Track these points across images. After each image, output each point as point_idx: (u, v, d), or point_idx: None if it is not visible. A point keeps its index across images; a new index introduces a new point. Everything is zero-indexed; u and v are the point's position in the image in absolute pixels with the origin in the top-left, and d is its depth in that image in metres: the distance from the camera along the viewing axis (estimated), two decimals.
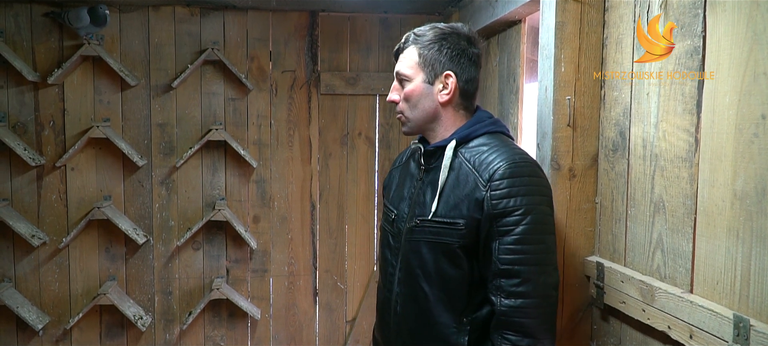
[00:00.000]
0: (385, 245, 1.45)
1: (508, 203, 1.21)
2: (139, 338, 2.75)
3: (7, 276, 2.61)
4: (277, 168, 2.81)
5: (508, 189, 1.22)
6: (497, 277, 1.23)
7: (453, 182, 1.30)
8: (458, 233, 1.27)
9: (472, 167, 1.28)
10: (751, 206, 1.04)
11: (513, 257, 1.21)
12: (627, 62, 1.43)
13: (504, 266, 1.22)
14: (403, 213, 1.40)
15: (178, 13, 2.66)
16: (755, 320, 1.02)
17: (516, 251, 1.21)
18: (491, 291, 1.25)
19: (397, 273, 1.39)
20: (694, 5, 1.19)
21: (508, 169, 1.23)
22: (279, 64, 2.77)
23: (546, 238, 1.25)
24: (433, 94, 1.34)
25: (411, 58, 1.35)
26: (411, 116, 1.37)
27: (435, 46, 1.33)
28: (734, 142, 1.08)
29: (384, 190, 1.58)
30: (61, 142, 2.61)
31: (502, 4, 2.04)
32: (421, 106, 1.35)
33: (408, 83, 1.36)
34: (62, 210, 2.64)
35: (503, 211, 1.22)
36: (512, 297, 1.22)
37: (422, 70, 1.34)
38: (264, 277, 2.86)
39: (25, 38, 2.54)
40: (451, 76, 1.33)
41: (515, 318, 1.22)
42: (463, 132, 1.34)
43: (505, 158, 1.25)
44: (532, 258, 1.22)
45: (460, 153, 1.32)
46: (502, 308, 1.23)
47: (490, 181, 1.23)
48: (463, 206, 1.26)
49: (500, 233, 1.22)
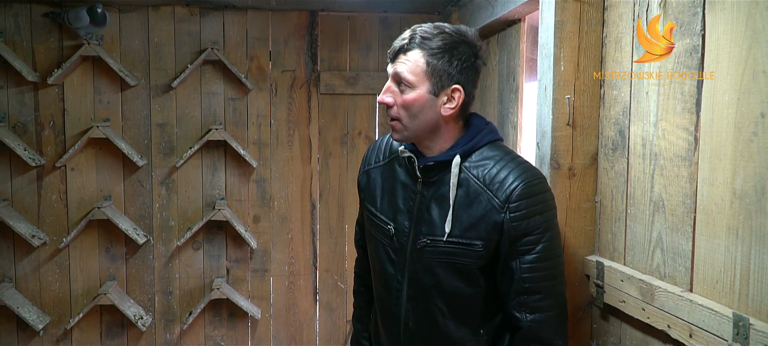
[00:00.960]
0: (385, 259, 1.38)
1: (529, 224, 1.23)
2: (140, 338, 2.76)
3: (7, 276, 2.61)
4: (277, 168, 2.82)
5: (526, 210, 1.22)
6: (521, 294, 1.25)
7: (462, 199, 1.27)
8: (476, 255, 1.26)
9: (483, 185, 1.25)
10: (751, 205, 1.04)
11: (535, 275, 1.24)
12: (626, 61, 1.42)
13: (527, 285, 1.24)
14: (404, 228, 1.34)
15: (178, 12, 2.66)
16: (755, 318, 1.02)
17: (537, 268, 1.24)
18: (514, 308, 1.27)
19: (405, 289, 1.35)
20: (693, 4, 1.19)
21: (524, 190, 1.22)
22: (279, 64, 2.77)
23: (560, 250, 1.31)
24: (437, 107, 1.26)
25: (417, 64, 1.25)
26: (409, 125, 1.28)
27: (445, 56, 1.24)
28: (733, 141, 1.08)
29: (361, 190, 1.48)
30: (61, 142, 2.61)
31: (502, 3, 2.04)
32: (421, 116, 1.26)
33: (409, 90, 1.25)
34: (62, 210, 2.64)
35: (524, 232, 1.23)
36: (537, 312, 1.25)
37: (428, 79, 1.24)
38: (264, 276, 2.86)
39: (25, 38, 2.54)
40: (458, 91, 1.26)
41: (541, 332, 1.26)
42: (466, 146, 1.29)
43: (517, 176, 1.23)
44: (551, 273, 1.26)
45: (464, 168, 1.28)
46: (528, 324, 1.26)
47: (508, 202, 1.22)
48: (480, 228, 1.25)
49: (521, 253, 1.24)
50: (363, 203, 1.48)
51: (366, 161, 1.49)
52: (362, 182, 1.47)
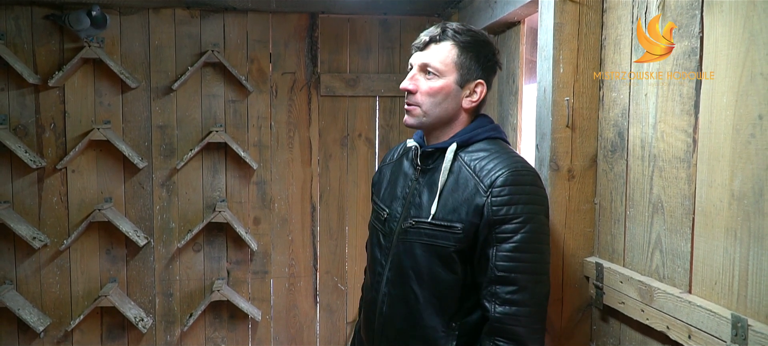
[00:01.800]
0: (375, 243, 1.43)
1: (508, 211, 1.22)
2: (140, 340, 2.76)
3: (8, 278, 2.62)
4: (278, 170, 2.82)
5: (508, 196, 1.22)
6: (493, 283, 1.23)
7: (452, 185, 1.29)
8: (455, 237, 1.26)
9: (473, 172, 1.27)
10: (749, 207, 1.04)
11: (510, 265, 1.22)
12: (625, 63, 1.43)
13: (500, 273, 1.22)
14: (396, 213, 1.38)
15: (179, 15, 2.66)
16: (753, 319, 1.02)
17: (513, 259, 1.22)
18: (485, 297, 1.25)
19: (386, 273, 1.37)
20: (692, 6, 1.19)
21: (510, 177, 1.23)
22: (279, 66, 2.78)
23: (543, 247, 1.26)
24: (460, 98, 1.33)
25: (447, 55, 1.31)
26: (430, 112, 1.33)
27: (473, 51, 1.32)
28: (732, 143, 1.08)
29: (373, 187, 1.55)
30: (62, 144, 2.61)
31: (502, 5, 2.04)
32: (444, 105, 1.32)
33: (437, 78, 1.31)
34: (63, 212, 2.64)
35: (503, 218, 1.22)
36: (507, 305, 1.22)
37: (457, 70, 1.31)
38: (265, 278, 2.86)
39: (26, 41, 2.55)
40: (482, 85, 1.33)
41: (508, 325, 1.22)
42: (465, 136, 1.33)
43: (506, 165, 1.25)
44: (528, 266, 1.23)
45: (459, 156, 1.31)
46: (496, 315, 1.23)
47: (492, 187, 1.23)
48: (461, 210, 1.26)
49: (498, 240, 1.22)
50: (372, 198, 1.54)
51: (383, 161, 1.58)
52: (375, 178, 1.55)
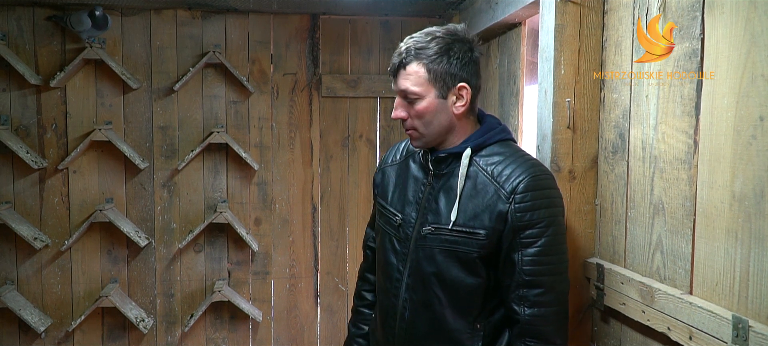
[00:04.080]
0: (390, 249, 1.42)
1: (532, 216, 1.24)
2: (141, 341, 2.76)
3: (9, 278, 2.62)
4: (279, 170, 2.82)
5: (531, 202, 1.24)
6: (521, 287, 1.26)
7: (470, 190, 1.30)
8: (479, 244, 1.28)
9: (491, 177, 1.28)
10: (750, 208, 1.05)
11: (537, 268, 1.25)
12: (626, 64, 1.43)
13: (528, 277, 1.25)
14: (411, 218, 1.37)
15: (180, 16, 2.67)
16: (754, 321, 1.02)
17: (539, 262, 1.25)
18: (513, 300, 1.28)
19: (405, 279, 1.37)
20: (693, 7, 1.19)
21: (531, 182, 1.25)
22: (280, 67, 2.78)
23: (564, 247, 1.31)
24: (448, 108, 1.31)
25: (418, 75, 1.29)
26: (426, 132, 1.32)
27: (443, 58, 1.28)
28: (733, 144, 1.08)
29: (376, 187, 1.53)
30: (64, 145, 2.62)
31: (503, 6, 2.04)
32: (436, 121, 1.31)
33: (419, 101, 1.30)
34: (64, 213, 2.65)
35: (527, 223, 1.24)
36: (536, 306, 1.26)
37: (433, 85, 1.29)
38: (265, 279, 2.86)
39: (28, 42, 2.56)
40: (465, 88, 1.30)
41: (538, 326, 1.27)
42: (478, 140, 1.33)
43: (525, 170, 1.26)
44: (553, 268, 1.27)
45: (474, 161, 1.32)
46: (526, 318, 1.27)
47: (514, 193, 1.24)
48: (483, 217, 1.27)
49: (523, 245, 1.25)
50: (376, 199, 1.53)
51: (383, 161, 1.56)
52: (377, 179, 1.53)
